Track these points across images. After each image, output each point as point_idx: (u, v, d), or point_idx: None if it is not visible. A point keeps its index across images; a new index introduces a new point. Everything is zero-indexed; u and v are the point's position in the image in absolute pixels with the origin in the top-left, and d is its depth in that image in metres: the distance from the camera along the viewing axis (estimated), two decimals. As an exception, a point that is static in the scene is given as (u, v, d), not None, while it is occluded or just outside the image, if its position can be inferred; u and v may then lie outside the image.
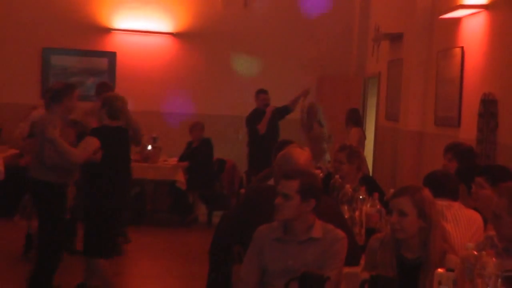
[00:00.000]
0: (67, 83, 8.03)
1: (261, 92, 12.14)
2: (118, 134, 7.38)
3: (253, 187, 7.64)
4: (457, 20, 8.93)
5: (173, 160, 12.06)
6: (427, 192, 4.30)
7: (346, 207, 6.08)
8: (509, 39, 7.50)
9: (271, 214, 4.48)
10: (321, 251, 4.41)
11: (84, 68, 13.43)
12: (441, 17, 9.19)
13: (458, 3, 8.68)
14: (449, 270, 3.75)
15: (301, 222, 4.44)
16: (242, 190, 11.77)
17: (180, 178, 11.63)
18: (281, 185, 4.45)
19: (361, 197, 6.20)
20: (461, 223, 5.07)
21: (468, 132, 8.16)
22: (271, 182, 5.40)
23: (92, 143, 7.17)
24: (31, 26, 13.19)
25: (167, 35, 13.69)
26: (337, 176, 6.95)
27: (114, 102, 7.36)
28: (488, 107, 7.66)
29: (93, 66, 13.52)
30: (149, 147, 11.72)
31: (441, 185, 5.30)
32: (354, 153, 7.25)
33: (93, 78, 13.27)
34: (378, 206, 6.11)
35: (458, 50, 8.83)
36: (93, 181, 7.25)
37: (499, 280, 3.61)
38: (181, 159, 12.01)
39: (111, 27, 13.55)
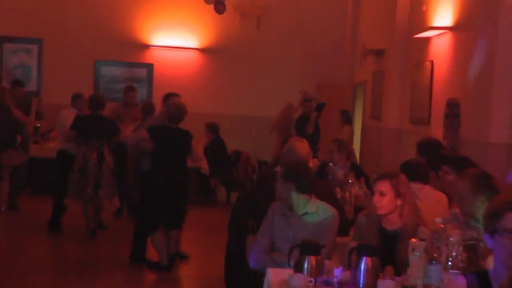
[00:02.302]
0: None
1: (306, 101, 12.08)
2: (175, 134, 7.39)
3: (263, 173, 7.67)
4: (428, 39, 8.91)
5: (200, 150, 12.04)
6: (403, 177, 4.32)
7: (338, 189, 6.11)
8: (469, 54, 7.47)
9: None
10: (316, 224, 4.43)
11: (127, 77, 13.40)
12: (415, 36, 9.16)
13: (429, 25, 8.66)
14: (421, 239, 3.75)
15: None
16: (255, 175, 11.84)
17: (204, 165, 11.63)
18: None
19: (350, 181, 6.22)
20: (430, 202, 5.09)
21: (436, 129, 8.15)
22: (277, 168, 5.41)
23: (141, 133, 7.37)
24: (87, 42, 13.17)
25: (194, 50, 13.65)
26: (330, 164, 6.97)
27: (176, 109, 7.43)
28: (452, 109, 7.65)
29: (135, 75, 13.49)
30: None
31: (414, 171, 5.31)
32: (343, 144, 7.25)
33: (135, 85, 13.31)
34: (364, 189, 6.14)
35: (428, 63, 8.81)
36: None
37: (461, 247, 3.63)
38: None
39: (149, 44, 13.54)
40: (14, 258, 7.66)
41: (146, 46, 13.55)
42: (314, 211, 4.48)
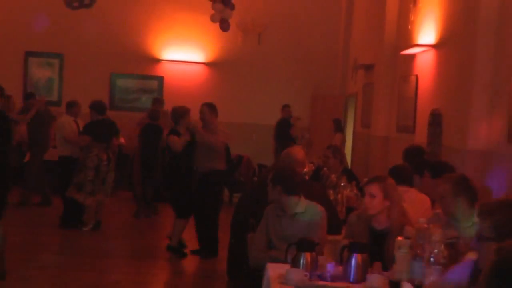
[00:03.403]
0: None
1: (286, 106, 12.15)
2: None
3: (262, 176, 7.67)
4: (413, 55, 8.91)
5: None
6: (391, 180, 4.30)
7: (331, 191, 6.09)
8: (450, 69, 7.48)
9: None
10: (306, 222, 4.43)
11: (140, 88, 13.43)
12: (401, 52, 9.15)
13: (414, 43, 8.65)
14: (407, 238, 3.75)
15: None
16: (255, 178, 11.82)
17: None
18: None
19: (342, 184, 6.20)
20: (415, 204, 5.07)
21: (421, 136, 8.14)
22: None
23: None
24: (103, 56, 13.19)
25: (200, 64, 13.65)
26: (325, 168, 6.96)
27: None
28: (435, 119, 7.64)
29: (146, 87, 13.51)
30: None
31: (401, 175, 5.30)
32: (338, 151, 7.25)
33: (146, 95, 13.34)
34: (355, 191, 6.11)
35: (413, 77, 8.80)
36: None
37: (442, 245, 3.62)
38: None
39: (160, 58, 13.55)
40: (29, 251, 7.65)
41: (157, 60, 13.56)
42: (303, 210, 4.48)
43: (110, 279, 6.75)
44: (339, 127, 12.13)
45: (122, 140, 11.18)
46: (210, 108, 7.85)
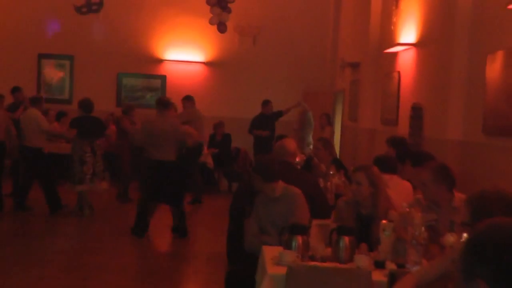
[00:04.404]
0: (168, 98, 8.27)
1: (269, 102, 12.12)
2: None
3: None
4: (396, 54, 8.90)
5: (205, 148, 12.04)
6: (375, 169, 4.31)
7: (321, 180, 6.09)
8: (430, 66, 7.48)
9: None
10: (285, 205, 4.40)
11: (144, 86, 13.39)
12: (385, 51, 9.15)
13: (396, 42, 8.65)
14: (390, 221, 3.76)
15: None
16: (251, 169, 11.80)
17: (209, 160, 11.63)
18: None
19: (331, 172, 6.20)
20: (398, 190, 5.08)
21: (403, 128, 8.14)
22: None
23: None
24: (110, 57, 13.15)
25: (200, 63, 13.61)
26: (315, 159, 6.96)
27: None
28: (416, 112, 7.64)
29: (150, 85, 13.46)
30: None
31: (385, 164, 5.31)
32: (327, 143, 7.25)
33: (150, 93, 13.32)
34: (343, 179, 6.13)
35: (396, 74, 8.80)
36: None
37: (423, 227, 3.63)
38: (209, 147, 11.99)
39: (163, 58, 13.50)
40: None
41: (160, 60, 13.51)
42: (281, 194, 4.45)
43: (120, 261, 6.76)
44: (328, 120, 12.12)
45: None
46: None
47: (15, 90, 10.01)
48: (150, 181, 7.67)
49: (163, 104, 7.82)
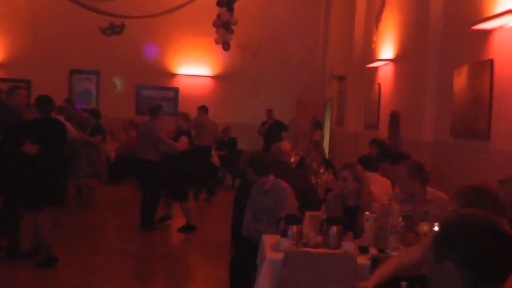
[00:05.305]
0: (158, 104, 8.08)
1: (270, 111, 12.14)
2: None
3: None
4: (376, 68, 8.90)
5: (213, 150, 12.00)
6: (359, 167, 4.30)
7: (313, 177, 6.09)
8: (406, 78, 7.48)
9: None
10: (274, 197, 4.35)
11: (160, 97, 13.27)
12: (367, 66, 9.15)
13: (377, 58, 8.66)
14: (373, 212, 3.76)
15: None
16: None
17: (216, 159, 11.59)
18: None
19: (321, 171, 6.22)
20: (379, 185, 5.07)
21: (383, 132, 8.14)
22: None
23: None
24: (130, 71, 13.12)
25: (208, 77, 13.60)
26: (307, 159, 6.95)
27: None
28: (394, 117, 7.64)
29: (165, 96, 13.39)
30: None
31: (368, 163, 5.31)
32: (317, 145, 7.24)
33: (165, 103, 13.22)
34: (331, 176, 6.12)
35: (377, 85, 8.80)
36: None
37: (400, 218, 3.62)
38: (217, 148, 11.94)
39: (176, 73, 13.49)
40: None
41: (173, 75, 13.50)
42: (271, 187, 4.39)
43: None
44: (318, 125, 12.09)
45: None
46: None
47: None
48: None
49: (150, 111, 7.78)
